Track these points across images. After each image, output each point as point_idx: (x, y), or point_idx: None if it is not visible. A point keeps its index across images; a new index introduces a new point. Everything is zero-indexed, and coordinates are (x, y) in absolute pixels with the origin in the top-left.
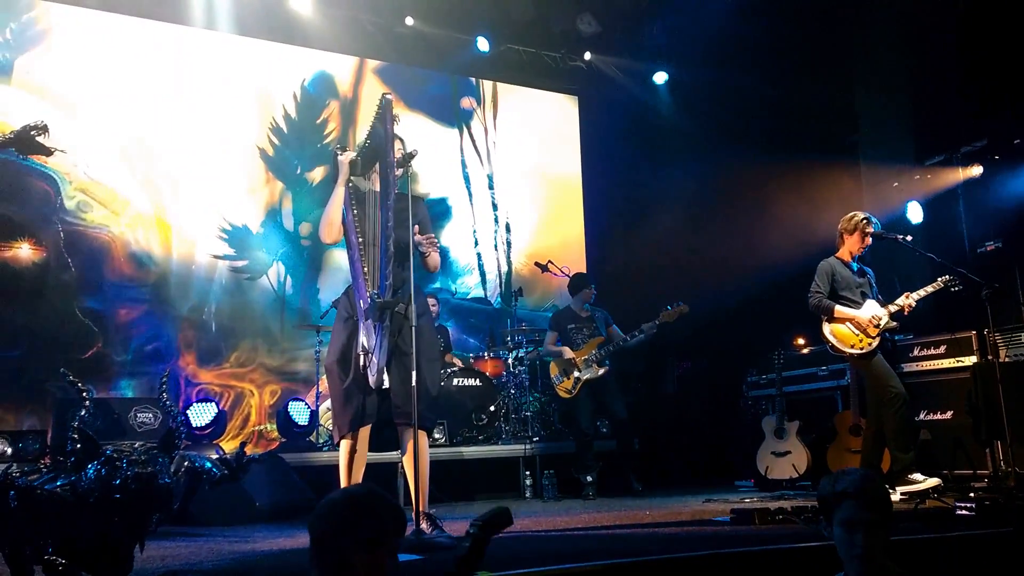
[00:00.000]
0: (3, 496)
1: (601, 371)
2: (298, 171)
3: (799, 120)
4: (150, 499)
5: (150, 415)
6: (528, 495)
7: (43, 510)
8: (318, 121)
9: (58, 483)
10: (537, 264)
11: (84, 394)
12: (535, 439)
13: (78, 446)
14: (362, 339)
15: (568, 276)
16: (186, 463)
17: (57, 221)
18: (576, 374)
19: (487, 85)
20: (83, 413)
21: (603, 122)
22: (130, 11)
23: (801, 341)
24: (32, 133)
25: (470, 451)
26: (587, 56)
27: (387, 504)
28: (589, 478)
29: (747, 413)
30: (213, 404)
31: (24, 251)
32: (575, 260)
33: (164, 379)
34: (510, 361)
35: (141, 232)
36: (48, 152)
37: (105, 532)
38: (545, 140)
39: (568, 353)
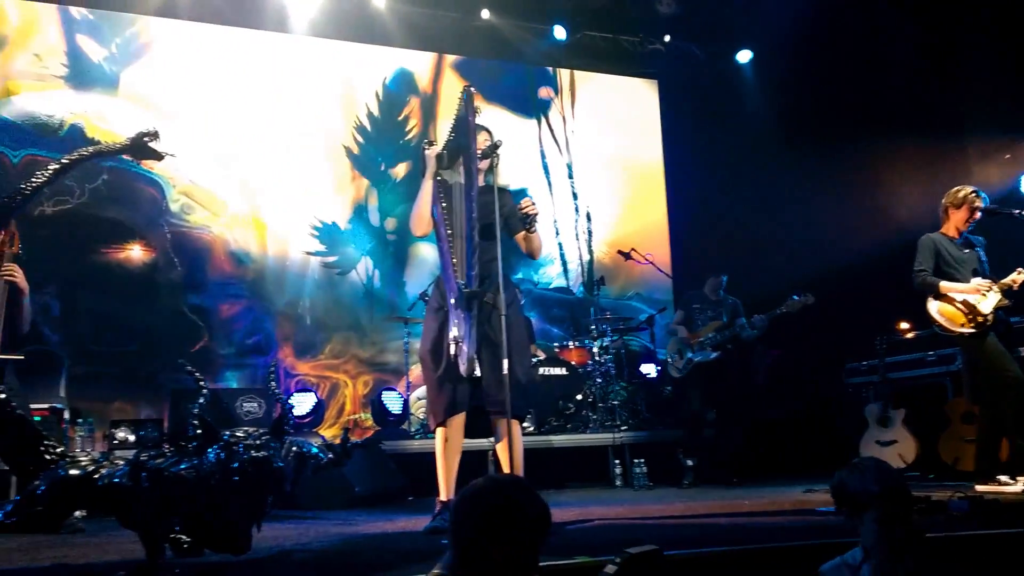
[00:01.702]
0: (136, 477)
1: (713, 355)
2: (382, 168)
3: (897, 93)
4: (265, 481)
5: (255, 404)
6: (618, 483)
7: (170, 491)
8: (399, 118)
9: (182, 466)
10: (620, 252)
11: (201, 384)
12: (623, 428)
13: (199, 432)
14: (452, 329)
15: (651, 263)
16: (294, 448)
17: (164, 223)
18: (689, 355)
19: (564, 74)
20: (201, 401)
21: (685, 105)
22: (221, 21)
23: (905, 325)
24: (145, 139)
25: (559, 439)
26: (666, 38)
27: (533, 499)
28: (690, 462)
29: (847, 401)
30: (312, 394)
31: (136, 252)
32: (658, 247)
33: (271, 369)
34: (595, 350)
35: (239, 231)
36: (159, 157)
37: (225, 512)
38: (625, 127)
39: (683, 332)
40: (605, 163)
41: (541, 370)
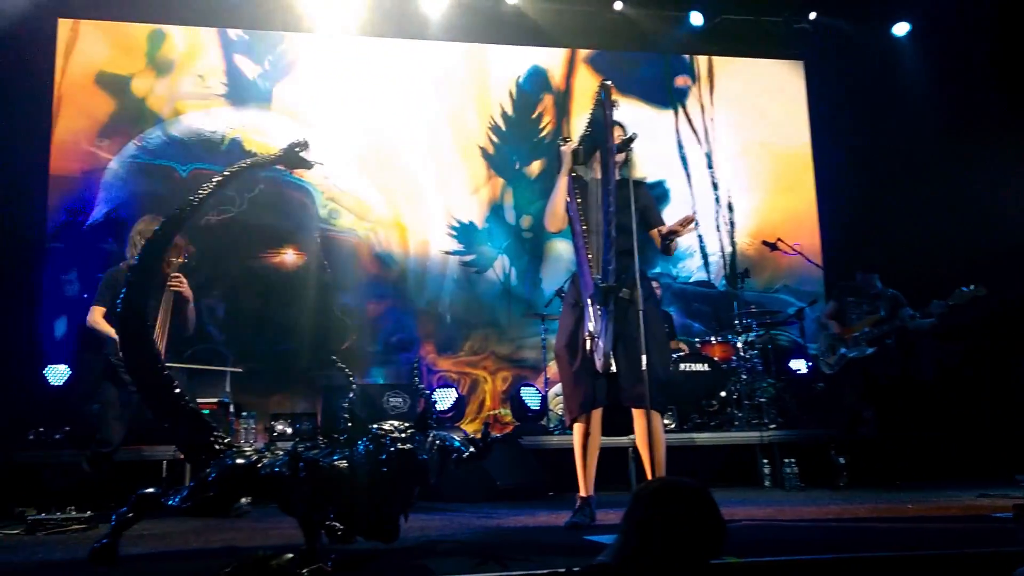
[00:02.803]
0: (294, 467)
1: (869, 351)
2: (517, 166)
3: None
4: (411, 473)
5: (400, 399)
6: (767, 484)
7: (324, 480)
8: (533, 116)
9: (334, 457)
10: (765, 243)
11: (350, 380)
12: (771, 426)
13: (349, 425)
14: (588, 324)
15: (800, 253)
16: (437, 442)
17: (314, 228)
18: (842, 350)
19: (702, 61)
20: (351, 396)
21: (834, 86)
22: (361, 33)
23: None
24: (296, 150)
25: (702, 437)
26: (812, 16)
27: (714, 512)
28: (842, 460)
29: None
30: (453, 389)
31: (289, 256)
32: (807, 236)
33: (415, 365)
34: (740, 345)
35: (382, 234)
36: (309, 165)
37: (375, 501)
38: (768, 112)
39: (835, 327)
40: (747, 151)
41: (682, 366)
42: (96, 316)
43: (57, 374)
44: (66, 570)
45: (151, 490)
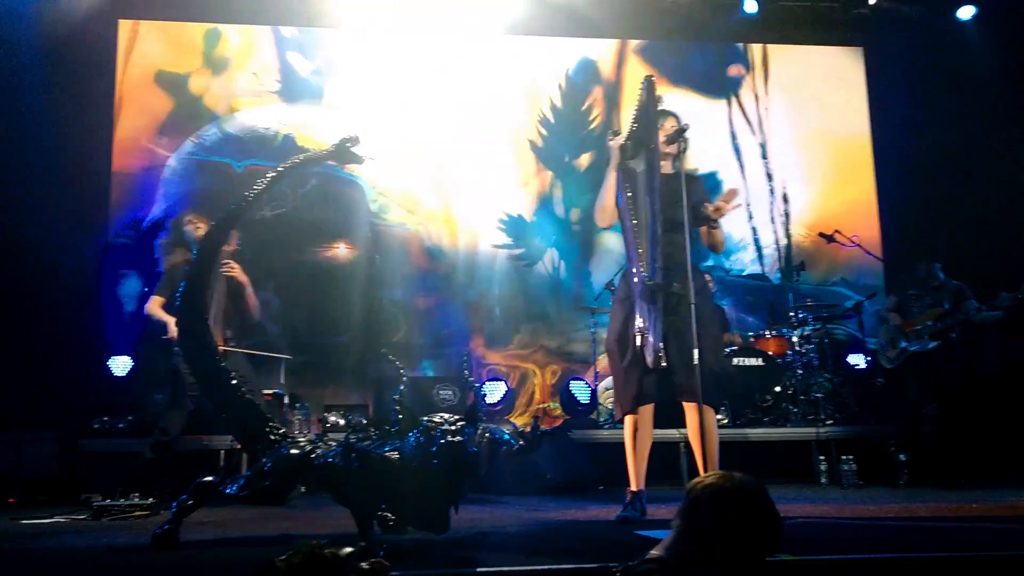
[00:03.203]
0: (347, 457)
1: (932, 345)
2: (566, 159)
3: None
4: (461, 465)
5: (450, 392)
6: (824, 481)
7: (376, 471)
8: (583, 108)
9: (386, 449)
10: (821, 235)
11: (401, 372)
12: (828, 422)
13: (400, 417)
14: (638, 320)
15: (858, 245)
16: (487, 435)
17: (365, 222)
18: (903, 344)
19: (756, 49)
20: (401, 388)
21: (895, 72)
22: (410, 29)
23: None
24: (347, 145)
25: (756, 433)
26: (872, 0)
27: (771, 511)
28: (903, 456)
29: None
30: (502, 383)
31: (341, 251)
32: (866, 228)
33: (464, 359)
34: (795, 339)
35: (432, 228)
36: (360, 160)
37: (425, 493)
38: (825, 100)
39: (896, 320)
40: (803, 140)
41: (735, 360)
42: (153, 305)
43: (120, 365)
44: (130, 554)
45: (209, 479)
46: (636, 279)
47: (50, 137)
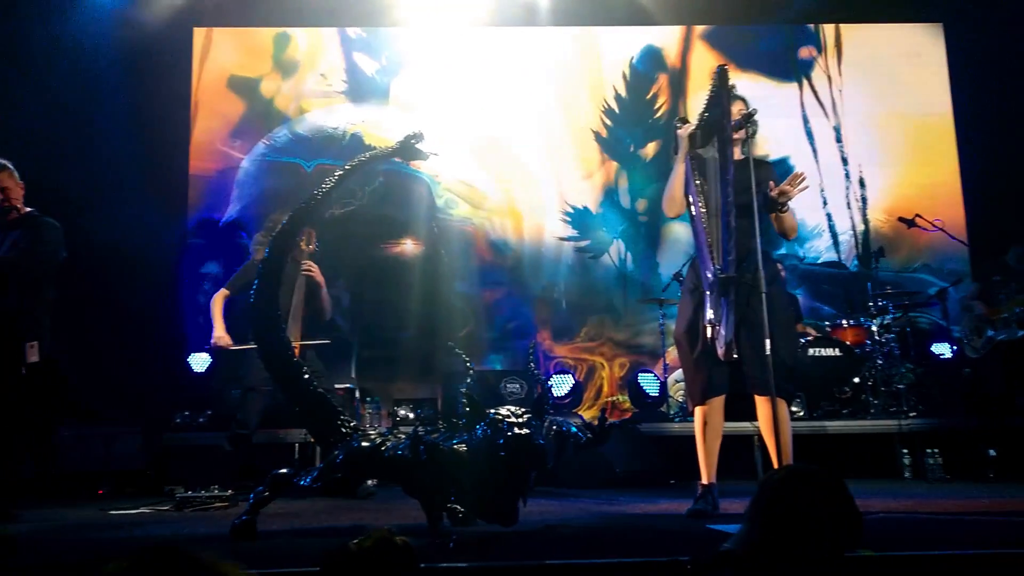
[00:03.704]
0: (416, 450)
1: (1021, 333)
2: (631, 149)
3: None
4: (529, 457)
5: (517, 385)
6: (908, 475)
7: (444, 463)
8: (648, 96)
9: (454, 441)
10: (901, 219)
11: (468, 365)
12: (911, 414)
13: (467, 410)
14: (708, 312)
15: (941, 230)
16: (554, 427)
17: (431, 218)
18: (989, 333)
19: (828, 29)
20: (469, 382)
21: (978, 49)
22: (472, 22)
23: None
24: (412, 142)
25: (834, 425)
26: None
27: (849, 503)
28: (992, 452)
29: None
30: (570, 376)
31: (408, 246)
32: (949, 211)
33: (532, 349)
34: (874, 329)
35: (497, 221)
36: (424, 157)
37: (493, 485)
38: (903, 80)
39: (981, 308)
40: (879, 122)
41: (811, 351)
42: (216, 299)
43: (199, 362)
44: (210, 544)
45: (284, 471)
46: (708, 272)
47: (133, 141)
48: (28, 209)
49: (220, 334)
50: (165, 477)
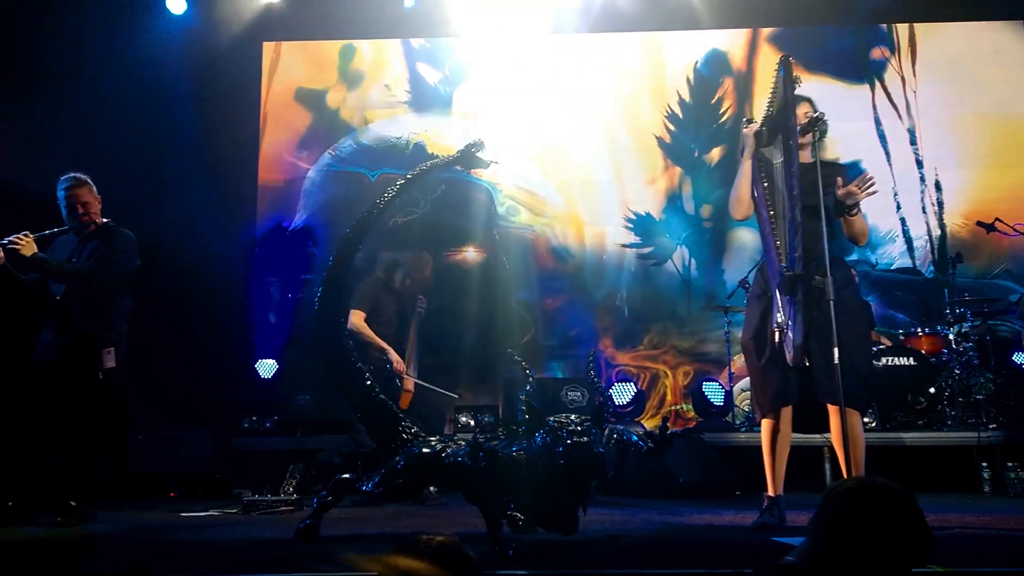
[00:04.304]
0: (475, 456)
1: None
2: (695, 154)
3: None
4: (588, 465)
5: (578, 393)
6: (987, 490)
7: (503, 470)
8: (712, 101)
9: (513, 448)
10: (980, 224)
11: (528, 373)
12: (991, 426)
13: (527, 417)
14: (776, 315)
15: (1022, 235)
16: (615, 436)
17: (493, 225)
18: None
19: (901, 29)
20: (528, 389)
21: None
22: (534, 31)
23: None
24: (472, 150)
25: (911, 437)
26: None
27: (919, 522)
28: None
29: None
30: (632, 384)
31: (470, 254)
32: None
33: (591, 357)
34: (951, 337)
35: (558, 228)
36: (485, 165)
37: (552, 492)
38: (983, 79)
39: None
40: (957, 123)
41: (884, 359)
42: (354, 319)
43: (266, 368)
44: (275, 547)
45: (348, 476)
46: (773, 272)
47: (204, 153)
48: (104, 220)
49: (398, 357)
50: (233, 480)
